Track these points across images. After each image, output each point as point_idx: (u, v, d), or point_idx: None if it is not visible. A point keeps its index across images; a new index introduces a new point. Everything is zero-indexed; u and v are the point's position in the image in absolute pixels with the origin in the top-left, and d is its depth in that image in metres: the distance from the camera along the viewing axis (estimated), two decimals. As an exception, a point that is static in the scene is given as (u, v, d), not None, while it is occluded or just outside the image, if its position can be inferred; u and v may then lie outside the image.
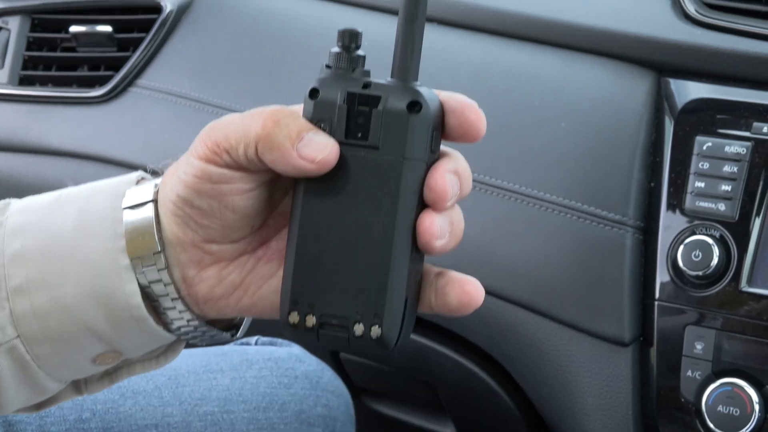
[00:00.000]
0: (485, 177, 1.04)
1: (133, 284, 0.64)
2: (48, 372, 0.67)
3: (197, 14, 1.32)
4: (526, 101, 1.06)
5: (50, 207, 0.67)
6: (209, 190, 0.62)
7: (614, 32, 1.06)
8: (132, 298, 0.64)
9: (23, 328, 0.65)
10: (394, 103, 0.59)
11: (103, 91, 1.32)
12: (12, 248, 0.66)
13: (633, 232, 0.98)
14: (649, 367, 0.96)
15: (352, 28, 0.60)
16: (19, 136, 1.36)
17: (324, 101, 0.60)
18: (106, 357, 0.68)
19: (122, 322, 0.65)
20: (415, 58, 0.60)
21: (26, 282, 0.65)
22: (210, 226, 0.64)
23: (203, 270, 0.65)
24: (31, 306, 0.65)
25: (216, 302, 0.66)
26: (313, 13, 1.24)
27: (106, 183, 0.68)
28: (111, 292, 0.64)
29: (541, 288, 1.02)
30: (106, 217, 0.65)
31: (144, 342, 0.67)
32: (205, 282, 0.65)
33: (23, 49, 1.39)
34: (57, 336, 0.65)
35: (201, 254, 0.65)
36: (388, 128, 0.59)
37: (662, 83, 1.02)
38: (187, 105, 1.25)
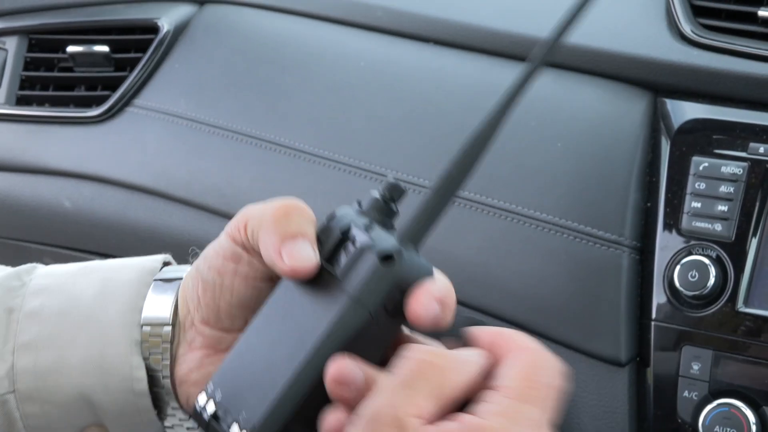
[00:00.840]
0: (481, 197, 1.04)
1: (140, 358, 0.66)
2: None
3: (194, 34, 1.32)
4: (523, 121, 1.06)
5: (75, 274, 0.69)
6: (219, 265, 0.64)
7: (611, 52, 1.06)
8: (137, 371, 0.66)
9: (20, 384, 0.66)
10: (374, 247, 0.59)
11: (100, 111, 1.32)
12: (30, 306, 0.67)
13: (629, 252, 0.98)
14: (645, 387, 0.96)
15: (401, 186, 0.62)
16: (17, 156, 1.36)
17: (331, 224, 0.61)
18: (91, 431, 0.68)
19: (120, 394, 0.66)
20: (428, 228, 0.60)
21: (36, 339, 0.66)
22: (208, 305, 0.65)
23: (190, 351, 0.66)
24: (34, 363, 0.66)
25: (189, 387, 0.67)
26: (309, 33, 1.25)
27: (133, 259, 0.70)
28: (117, 362, 0.65)
29: (538, 308, 1.01)
30: (130, 289, 0.67)
31: (133, 422, 0.68)
32: (186, 363, 0.66)
33: (21, 69, 1.39)
34: (50, 397, 0.66)
35: (194, 334, 0.66)
36: (358, 266, 0.59)
37: (658, 103, 1.02)
38: (184, 125, 1.25)
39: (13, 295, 0.68)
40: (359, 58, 1.18)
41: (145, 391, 0.66)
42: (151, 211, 1.25)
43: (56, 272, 0.70)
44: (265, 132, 1.18)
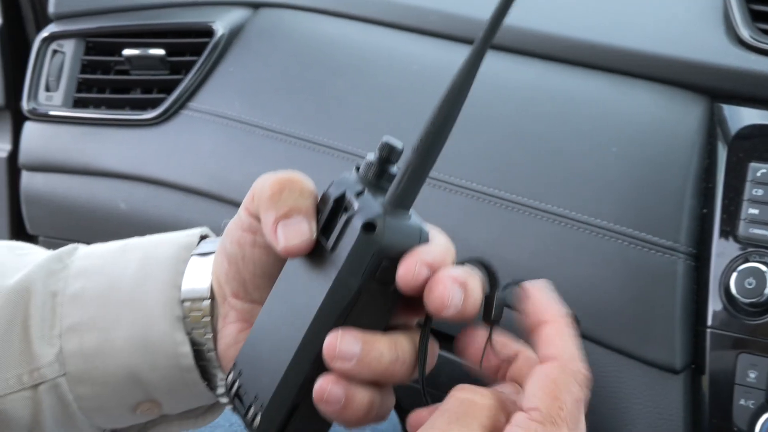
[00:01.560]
0: (535, 202, 1.04)
1: (183, 334, 0.66)
2: (87, 415, 0.68)
3: (248, 38, 1.33)
4: (577, 126, 1.06)
5: (115, 253, 0.69)
6: (239, 237, 0.64)
7: (667, 57, 1.05)
8: (181, 347, 0.66)
9: (70, 366, 0.66)
10: (358, 215, 0.58)
11: (156, 114, 1.34)
12: (73, 289, 0.67)
13: (685, 258, 0.97)
14: (701, 395, 0.95)
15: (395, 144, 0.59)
16: (74, 158, 1.38)
17: (326, 194, 0.61)
18: (145, 407, 0.69)
19: (167, 371, 0.66)
20: (412, 188, 0.58)
21: (80, 322, 0.66)
22: (235, 278, 0.65)
23: (226, 326, 0.67)
24: (81, 345, 0.66)
25: (228, 362, 0.67)
26: (363, 36, 1.25)
27: (170, 235, 0.70)
28: (161, 339, 0.66)
29: (591, 314, 1.01)
30: (169, 266, 0.67)
31: (185, 396, 0.69)
32: (224, 339, 0.67)
33: (78, 71, 1.41)
34: (101, 378, 0.67)
35: (227, 308, 0.66)
36: (343, 238, 0.58)
37: (715, 109, 1.01)
38: (238, 127, 1.26)
39: (56, 279, 0.68)
40: (412, 61, 1.18)
41: (192, 366, 0.66)
42: (204, 213, 1.25)
43: (96, 252, 0.70)
44: (318, 135, 1.19)
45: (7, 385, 0.67)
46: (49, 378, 0.66)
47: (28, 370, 0.66)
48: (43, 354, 0.66)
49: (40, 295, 0.67)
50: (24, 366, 0.66)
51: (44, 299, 0.67)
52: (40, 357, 0.66)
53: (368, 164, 0.59)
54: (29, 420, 0.68)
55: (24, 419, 0.68)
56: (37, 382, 0.66)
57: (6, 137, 1.58)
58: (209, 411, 0.72)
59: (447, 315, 0.57)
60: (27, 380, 0.66)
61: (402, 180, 0.58)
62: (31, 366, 0.66)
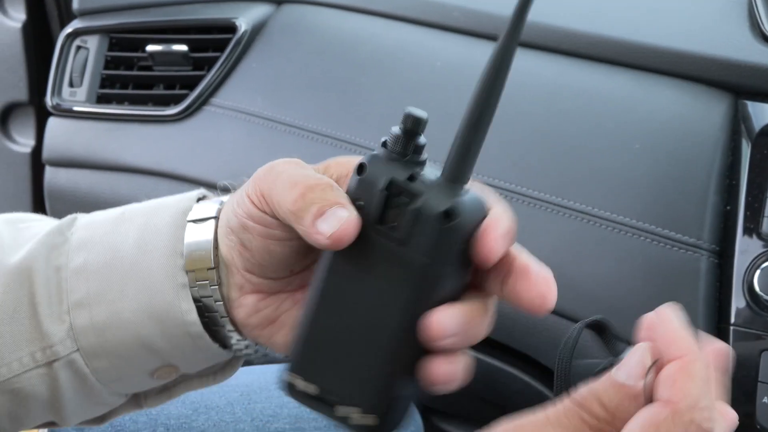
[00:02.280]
0: (557, 198, 1.04)
1: (189, 302, 0.66)
2: (106, 385, 0.69)
3: (271, 34, 1.33)
4: (600, 122, 1.06)
5: (114, 222, 0.68)
6: (252, 228, 0.63)
7: (690, 53, 1.05)
8: (188, 315, 0.66)
9: (82, 341, 0.66)
10: (430, 205, 0.57)
11: (179, 110, 1.34)
12: (75, 263, 0.67)
13: (708, 255, 0.97)
14: (723, 392, 0.95)
15: (419, 114, 0.58)
16: (97, 153, 1.39)
17: (367, 180, 0.58)
18: (163, 371, 0.69)
19: (178, 338, 0.66)
20: (470, 163, 0.58)
21: (87, 296, 0.66)
22: (250, 260, 0.64)
23: (243, 296, 0.66)
24: (90, 320, 0.66)
25: (251, 330, 0.67)
26: (386, 33, 1.25)
27: (168, 200, 0.69)
28: (167, 309, 0.66)
29: (613, 310, 1.01)
30: (168, 234, 0.66)
31: (200, 358, 0.69)
32: (242, 308, 0.66)
33: (101, 67, 1.42)
34: (115, 350, 0.67)
35: (242, 280, 0.66)
36: (419, 228, 0.57)
37: (739, 105, 1.01)
38: (261, 123, 1.26)
39: (58, 253, 0.68)
40: (435, 58, 1.18)
41: (201, 332, 0.66)
42: (227, 208, 1.26)
43: (96, 222, 0.69)
44: (341, 132, 1.19)
45: (21, 363, 0.67)
46: (62, 355, 0.66)
47: (41, 347, 0.67)
48: (54, 331, 0.66)
49: (43, 271, 0.67)
50: (36, 344, 0.67)
51: (48, 275, 0.67)
52: (51, 335, 0.66)
53: (396, 138, 0.58)
54: (48, 395, 0.68)
55: (42, 395, 0.68)
56: (51, 360, 0.67)
57: (30, 133, 1.59)
58: (228, 366, 0.72)
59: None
60: (40, 357, 0.67)
61: (459, 154, 0.57)
62: (43, 344, 0.66)
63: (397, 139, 0.58)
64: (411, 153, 0.58)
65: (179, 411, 0.98)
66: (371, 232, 0.58)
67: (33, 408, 0.69)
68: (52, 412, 0.70)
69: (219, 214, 0.66)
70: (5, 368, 0.67)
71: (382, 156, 0.58)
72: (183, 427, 0.97)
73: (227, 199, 0.67)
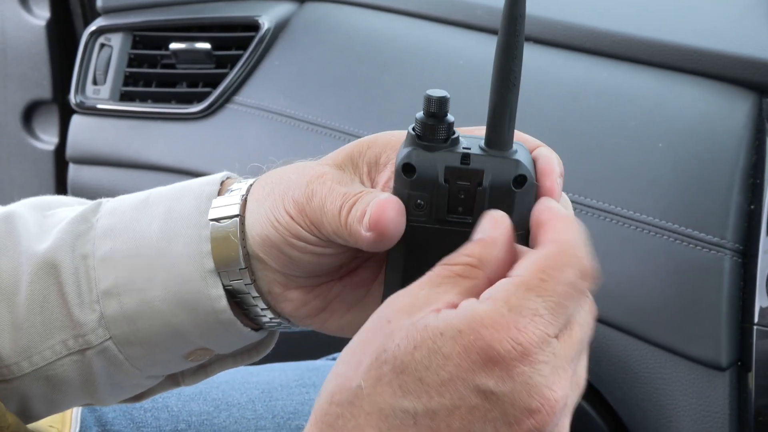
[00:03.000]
0: (580, 197, 1.04)
1: (218, 288, 0.65)
2: (142, 370, 0.69)
3: (294, 32, 1.33)
4: (623, 121, 1.06)
5: (138, 209, 0.68)
6: (301, 247, 0.62)
7: (714, 52, 1.04)
8: (217, 302, 0.65)
9: (114, 330, 0.67)
10: (498, 178, 0.56)
11: (201, 107, 1.34)
12: (102, 251, 0.67)
13: (731, 255, 0.96)
14: (747, 392, 0.95)
15: (441, 94, 0.57)
16: (120, 151, 1.39)
17: (422, 179, 0.57)
18: (197, 354, 0.69)
19: (209, 325, 0.66)
20: (511, 125, 0.57)
21: (115, 285, 0.66)
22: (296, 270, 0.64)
23: (288, 291, 0.66)
24: (121, 308, 0.66)
25: (302, 320, 0.67)
26: (409, 31, 1.25)
27: (191, 184, 0.69)
28: (197, 298, 0.65)
29: (636, 310, 1.00)
30: (192, 221, 0.66)
31: (233, 341, 0.69)
32: (290, 302, 0.66)
33: (125, 65, 1.42)
34: (147, 338, 0.67)
35: (285, 279, 0.65)
36: (494, 204, 0.57)
37: (763, 104, 1.01)
38: (283, 121, 1.27)
39: (84, 241, 0.67)
40: (458, 56, 1.18)
41: (231, 319, 0.65)
42: (249, 206, 1.26)
43: (121, 207, 0.69)
44: (363, 130, 1.19)
45: (54, 351, 0.67)
46: (95, 344, 0.67)
47: (73, 335, 0.67)
48: (85, 320, 0.66)
49: (70, 260, 0.67)
50: (68, 331, 0.67)
51: (76, 264, 0.67)
52: (82, 324, 0.66)
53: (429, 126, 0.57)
54: (82, 380, 0.68)
55: (77, 380, 0.68)
56: (84, 348, 0.67)
57: (53, 130, 1.60)
58: (261, 344, 0.72)
59: None
60: (73, 345, 0.67)
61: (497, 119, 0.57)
62: (75, 332, 0.67)
63: (431, 127, 0.57)
64: (447, 135, 0.57)
65: (201, 408, 0.98)
66: (442, 225, 0.58)
67: (68, 392, 0.69)
68: (88, 396, 0.70)
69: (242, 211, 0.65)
70: (38, 356, 0.67)
71: (423, 149, 0.57)
72: (204, 423, 0.98)
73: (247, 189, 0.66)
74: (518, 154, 0.57)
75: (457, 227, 0.57)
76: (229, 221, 0.65)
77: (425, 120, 0.57)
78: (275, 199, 0.63)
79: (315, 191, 0.61)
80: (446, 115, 0.57)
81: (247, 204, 0.65)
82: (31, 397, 0.69)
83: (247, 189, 0.66)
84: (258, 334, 0.69)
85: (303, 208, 0.61)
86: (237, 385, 1.02)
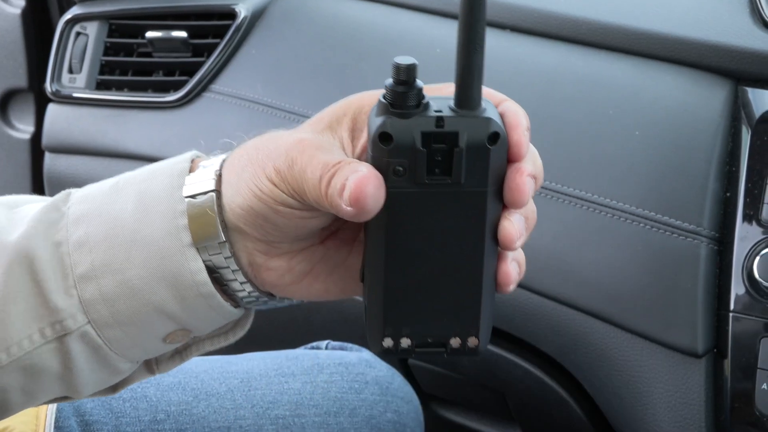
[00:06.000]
0: (558, 185, 1.04)
1: (198, 261, 0.65)
2: (120, 353, 0.69)
3: (271, 20, 1.33)
4: (600, 109, 1.06)
5: (109, 193, 0.68)
6: (287, 213, 0.63)
7: (691, 40, 1.05)
8: (198, 275, 0.65)
9: (93, 314, 0.66)
10: (473, 138, 0.58)
11: (178, 96, 1.34)
12: (76, 236, 0.67)
13: (707, 242, 0.97)
14: (723, 379, 0.95)
15: (409, 62, 0.58)
16: (96, 140, 1.39)
17: (399, 146, 0.58)
18: (175, 335, 0.69)
19: (190, 300, 0.66)
20: (479, 85, 0.58)
21: (92, 268, 0.66)
22: (279, 235, 0.64)
23: (270, 259, 0.66)
24: (99, 291, 0.66)
25: (285, 288, 0.67)
26: (386, 20, 1.25)
27: (162, 164, 0.69)
28: (177, 271, 0.65)
29: (613, 297, 1.01)
30: (166, 197, 0.66)
31: (212, 319, 0.68)
32: (273, 271, 0.66)
33: (101, 54, 1.41)
34: (127, 319, 0.67)
35: (267, 247, 0.65)
36: (470, 163, 0.58)
37: (739, 92, 1.01)
38: (261, 110, 1.26)
39: (56, 229, 0.67)
40: (435, 45, 1.18)
41: (212, 292, 0.66)
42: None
43: (91, 194, 0.69)
44: (340, 118, 1.19)
45: (32, 341, 0.67)
46: (73, 329, 0.66)
47: (50, 323, 0.67)
48: (63, 306, 0.66)
49: (43, 248, 0.67)
50: (45, 320, 0.67)
51: (49, 251, 0.67)
52: (60, 310, 0.66)
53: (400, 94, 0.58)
54: (60, 368, 0.68)
55: (55, 368, 0.68)
56: (62, 334, 0.67)
57: (29, 119, 1.59)
58: (237, 325, 0.72)
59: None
60: (50, 333, 0.67)
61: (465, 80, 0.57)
62: (52, 319, 0.66)
63: (402, 94, 0.58)
64: (418, 101, 0.58)
65: (179, 398, 0.98)
66: (421, 188, 0.59)
67: (46, 382, 0.69)
68: (64, 385, 0.70)
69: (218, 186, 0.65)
70: (15, 347, 0.67)
71: (396, 116, 0.58)
72: (183, 413, 0.98)
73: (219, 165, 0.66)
74: (488, 111, 0.59)
75: (437, 188, 0.59)
76: (205, 197, 0.65)
77: (396, 88, 0.58)
78: (255, 168, 0.63)
79: (295, 159, 0.61)
80: (415, 81, 0.58)
81: (222, 177, 0.65)
82: (8, 389, 0.69)
83: (220, 164, 0.66)
84: (236, 311, 0.69)
85: (285, 176, 0.61)
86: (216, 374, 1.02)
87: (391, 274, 0.62)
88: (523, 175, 0.60)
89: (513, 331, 1.11)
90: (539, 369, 1.13)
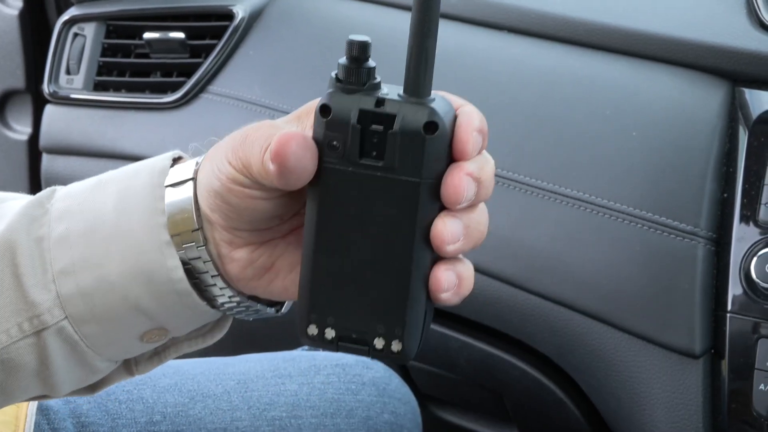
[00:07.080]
0: (555, 186, 1.04)
1: (175, 259, 0.66)
2: (97, 351, 0.69)
3: (269, 21, 1.33)
4: (598, 110, 1.06)
5: (92, 190, 0.68)
6: (238, 192, 0.63)
7: (688, 41, 1.05)
8: (174, 272, 0.65)
9: (70, 309, 0.67)
10: (409, 123, 0.57)
11: (176, 97, 1.34)
12: (57, 232, 0.67)
13: (705, 243, 0.97)
14: (720, 380, 0.95)
15: (362, 39, 0.59)
16: (93, 141, 1.38)
17: (336, 120, 0.58)
18: (152, 334, 0.69)
19: (166, 297, 0.66)
20: (429, 72, 0.58)
21: (71, 264, 0.66)
22: (236, 219, 0.64)
23: (234, 250, 0.66)
24: (77, 287, 0.66)
25: (248, 282, 0.67)
26: (382, 20, 1.25)
27: (144, 163, 0.69)
28: (154, 268, 0.65)
29: (611, 298, 1.01)
30: (147, 194, 0.66)
31: (189, 318, 0.69)
32: (236, 262, 0.66)
33: (98, 55, 1.41)
34: (104, 315, 0.67)
35: (230, 236, 0.66)
36: (405, 149, 0.58)
37: (736, 93, 1.01)
38: (258, 111, 1.26)
39: (39, 225, 0.68)
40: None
41: (188, 290, 0.66)
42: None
43: (74, 192, 0.69)
44: (338, 119, 1.19)
45: (9, 335, 0.67)
46: (50, 324, 0.67)
47: (28, 317, 0.67)
48: (40, 300, 0.66)
49: (25, 243, 0.67)
50: (22, 314, 0.67)
51: (30, 246, 0.67)
52: (37, 304, 0.67)
53: (348, 69, 0.58)
54: (37, 365, 0.68)
55: (31, 364, 0.68)
56: (39, 329, 0.67)
57: (27, 120, 1.59)
58: (216, 327, 0.72)
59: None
60: (28, 328, 0.67)
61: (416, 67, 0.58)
62: (30, 313, 0.67)
63: (350, 69, 0.58)
64: (366, 79, 0.58)
65: (176, 399, 0.98)
66: (355, 168, 0.59)
67: (23, 379, 0.69)
68: (42, 382, 0.70)
69: (196, 175, 0.66)
70: None
71: (341, 91, 0.59)
72: (180, 415, 0.98)
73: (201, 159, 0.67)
74: (435, 102, 0.58)
75: (369, 170, 0.58)
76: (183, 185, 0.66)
77: (346, 63, 0.58)
78: (219, 153, 0.64)
79: (248, 135, 0.62)
80: (367, 60, 0.59)
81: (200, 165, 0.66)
82: None
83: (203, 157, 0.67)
84: (213, 312, 0.69)
85: (237, 152, 0.62)
86: (212, 376, 1.02)
87: (321, 256, 0.60)
88: (462, 173, 0.58)
89: (510, 332, 1.11)
90: (536, 370, 1.13)
